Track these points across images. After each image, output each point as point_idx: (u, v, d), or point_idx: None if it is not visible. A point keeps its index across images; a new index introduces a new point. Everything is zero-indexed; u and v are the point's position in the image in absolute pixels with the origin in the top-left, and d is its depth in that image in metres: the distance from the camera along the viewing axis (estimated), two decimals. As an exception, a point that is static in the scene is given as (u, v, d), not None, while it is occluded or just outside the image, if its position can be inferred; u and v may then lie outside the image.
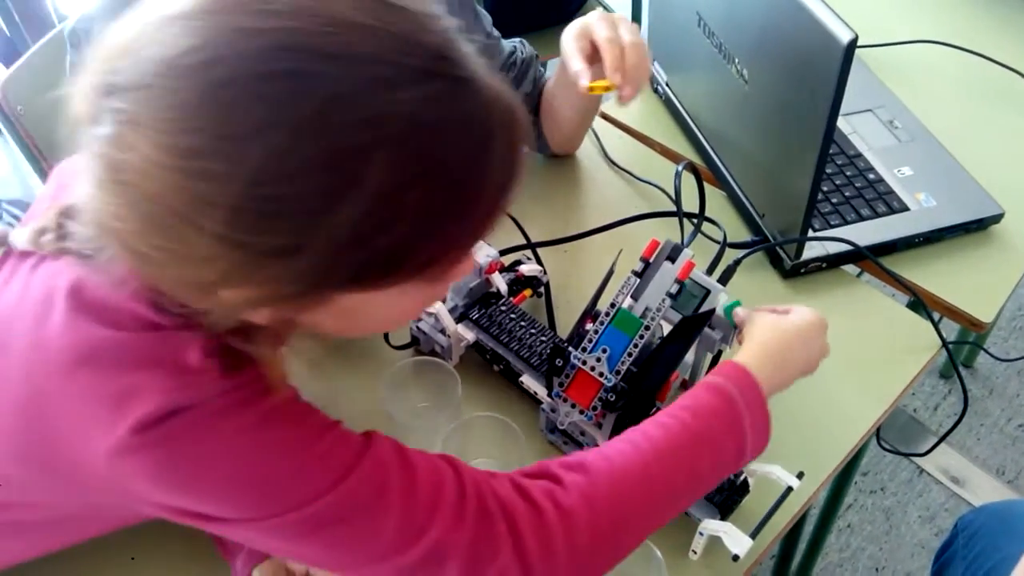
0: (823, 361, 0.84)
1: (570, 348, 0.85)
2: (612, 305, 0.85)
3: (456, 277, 0.64)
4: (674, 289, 0.84)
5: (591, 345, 0.84)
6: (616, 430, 0.84)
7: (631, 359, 0.83)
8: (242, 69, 0.50)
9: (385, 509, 0.61)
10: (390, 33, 0.53)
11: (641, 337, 0.83)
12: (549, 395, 0.88)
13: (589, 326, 0.86)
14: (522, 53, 1.13)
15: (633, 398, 0.84)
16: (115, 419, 0.56)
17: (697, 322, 0.85)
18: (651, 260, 0.86)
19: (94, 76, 0.54)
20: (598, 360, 0.83)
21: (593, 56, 0.96)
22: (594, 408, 0.84)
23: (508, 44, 1.13)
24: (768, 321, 0.82)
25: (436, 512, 0.62)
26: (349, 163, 0.51)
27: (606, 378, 0.82)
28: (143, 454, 0.57)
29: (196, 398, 0.57)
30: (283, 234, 0.52)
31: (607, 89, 0.94)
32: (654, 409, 0.87)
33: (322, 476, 0.60)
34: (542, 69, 1.16)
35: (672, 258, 0.86)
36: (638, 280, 0.85)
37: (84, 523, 0.74)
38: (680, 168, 1.03)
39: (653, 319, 0.84)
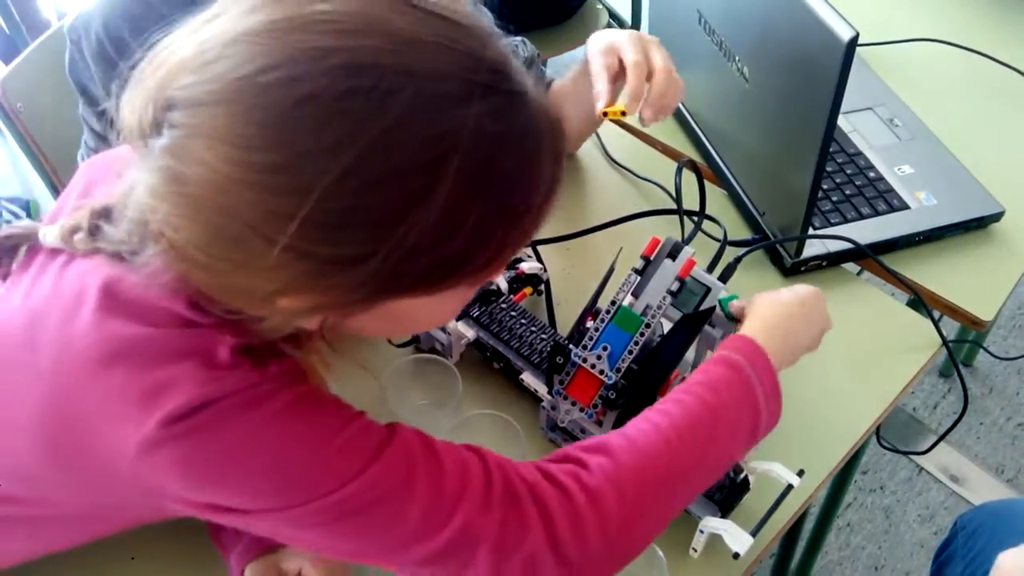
0: (822, 361, 0.83)
1: (571, 346, 0.85)
2: (613, 303, 0.85)
3: (494, 277, 0.66)
4: (675, 287, 0.84)
5: (592, 343, 0.84)
6: (617, 427, 0.84)
7: (632, 357, 0.83)
8: (321, 87, 0.51)
9: (411, 496, 0.61)
10: (455, 50, 0.55)
11: (642, 335, 0.83)
12: (549, 393, 0.88)
13: (590, 324, 0.86)
14: (523, 52, 1.13)
15: (633, 396, 0.84)
16: (145, 414, 0.57)
17: (698, 320, 0.85)
18: (652, 258, 0.86)
19: (152, 91, 0.55)
20: (599, 358, 0.83)
21: (619, 74, 0.95)
22: (595, 406, 0.84)
23: (509, 43, 1.12)
24: (767, 298, 0.82)
25: (463, 498, 0.62)
26: (420, 176, 0.53)
27: (607, 376, 0.82)
28: (171, 447, 0.58)
29: (225, 391, 0.58)
30: (353, 244, 0.53)
31: (622, 115, 0.92)
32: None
33: (346, 465, 0.60)
34: (543, 68, 1.16)
35: (673, 256, 0.86)
36: (639, 278, 0.85)
37: (91, 523, 0.74)
38: (680, 165, 1.03)
39: (654, 317, 0.84)
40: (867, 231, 1.10)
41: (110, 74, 0.97)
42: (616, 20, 2.32)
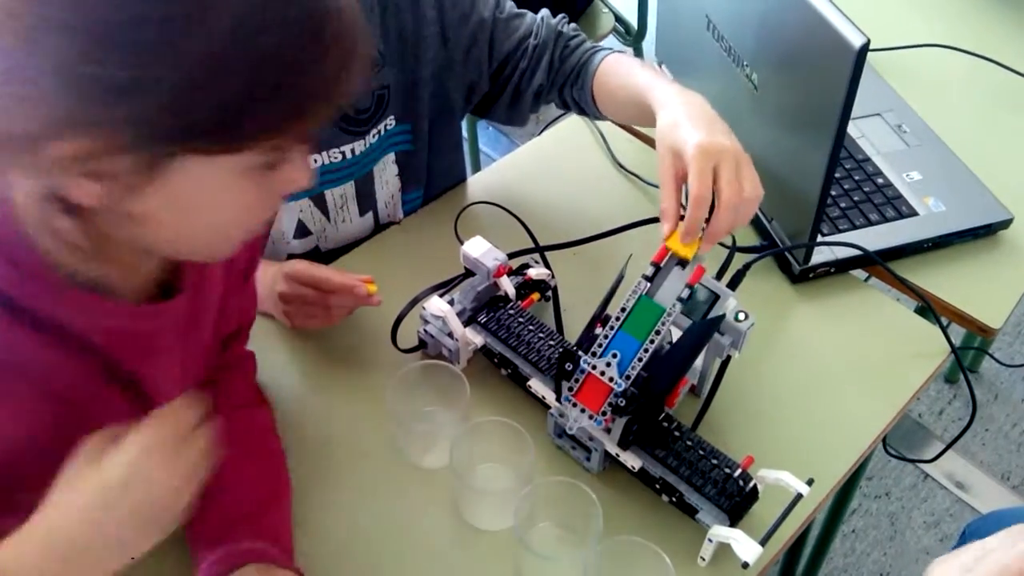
0: (830, 368, 0.82)
1: (580, 353, 0.84)
2: (623, 310, 0.84)
3: (290, 182, 0.63)
4: (684, 294, 0.84)
5: (601, 350, 0.84)
6: (625, 435, 0.84)
7: (641, 364, 0.83)
8: None
9: None
10: None
11: (651, 342, 0.83)
12: (558, 400, 0.88)
13: (599, 330, 0.86)
14: (535, 39, 1.06)
15: (643, 403, 0.83)
16: None
17: (707, 327, 0.85)
18: (662, 265, 0.86)
19: None
20: (608, 365, 0.83)
21: (685, 177, 0.85)
22: (604, 413, 0.83)
23: (525, 26, 1.07)
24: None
25: None
26: None
27: (616, 383, 0.82)
28: None
29: None
30: (126, 67, 0.51)
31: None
32: (663, 414, 0.87)
33: None
34: (576, 34, 1.08)
35: (683, 263, 0.85)
36: (649, 284, 0.85)
37: None
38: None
39: (664, 324, 0.83)
40: (875, 238, 1.09)
41: None
42: (622, 24, 2.31)
